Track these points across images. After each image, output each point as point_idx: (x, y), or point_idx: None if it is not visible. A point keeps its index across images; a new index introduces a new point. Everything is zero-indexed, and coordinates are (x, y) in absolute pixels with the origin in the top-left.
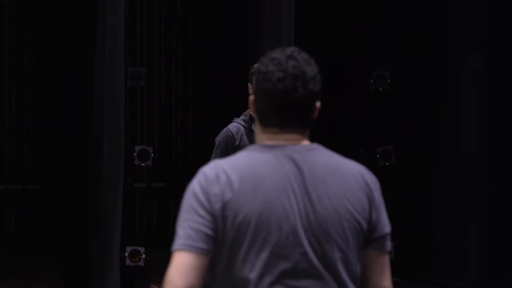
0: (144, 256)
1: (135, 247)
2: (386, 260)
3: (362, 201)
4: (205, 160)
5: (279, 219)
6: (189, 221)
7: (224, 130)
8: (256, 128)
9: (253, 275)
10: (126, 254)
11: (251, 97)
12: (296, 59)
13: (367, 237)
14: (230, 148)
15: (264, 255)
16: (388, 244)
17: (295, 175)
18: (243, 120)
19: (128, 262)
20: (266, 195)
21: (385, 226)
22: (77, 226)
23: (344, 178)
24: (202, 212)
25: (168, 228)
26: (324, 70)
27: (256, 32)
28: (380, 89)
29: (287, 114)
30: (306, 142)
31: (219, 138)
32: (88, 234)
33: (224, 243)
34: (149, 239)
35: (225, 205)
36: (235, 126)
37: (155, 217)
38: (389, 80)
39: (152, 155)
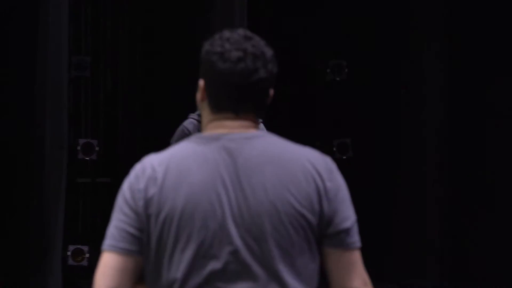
0: (87, 255)
1: (78, 246)
2: (352, 259)
3: (308, 192)
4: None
5: (205, 215)
6: (115, 220)
7: (180, 128)
8: (203, 116)
9: (178, 276)
10: (69, 253)
11: (201, 82)
12: (253, 39)
13: (323, 233)
14: None
15: (188, 255)
16: (353, 240)
17: (227, 166)
18: (199, 115)
19: (70, 261)
20: (191, 189)
21: (345, 219)
22: (17, 223)
23: (286, 168)
24: (127, 210)
25: None
26: (278, 59)
27: (207, 19)
28: (337, 79)
29: (244, 96)
30: (252, 130)
31: (175, 138)
32: (29, 232)
33: (151, 243)
34: (93, 238)
35: (148, 202)
36: (191, 122)
37: (99, 214)
38: (346, 70)
39: (97, 148)
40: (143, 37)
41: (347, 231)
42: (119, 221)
